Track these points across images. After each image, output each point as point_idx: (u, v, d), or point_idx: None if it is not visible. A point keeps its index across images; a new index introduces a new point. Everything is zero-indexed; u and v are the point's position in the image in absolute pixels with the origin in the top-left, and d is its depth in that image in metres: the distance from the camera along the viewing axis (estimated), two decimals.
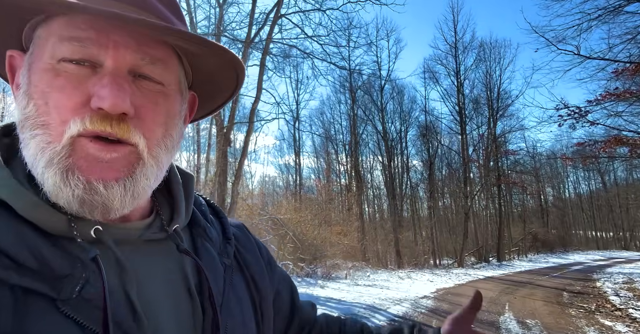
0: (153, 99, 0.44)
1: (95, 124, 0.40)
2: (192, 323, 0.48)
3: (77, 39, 0.40)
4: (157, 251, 0.50)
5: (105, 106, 0.39)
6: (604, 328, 6.17)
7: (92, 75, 0.41)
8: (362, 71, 20.54)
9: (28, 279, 0.36)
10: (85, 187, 0.40)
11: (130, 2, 0.44)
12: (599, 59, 10.12)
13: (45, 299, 0.37)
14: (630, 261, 21.02)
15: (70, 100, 0.40)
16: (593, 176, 43.12)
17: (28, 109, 0.41)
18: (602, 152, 12.11)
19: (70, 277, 0.39)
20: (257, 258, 0.66)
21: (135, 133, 0.42)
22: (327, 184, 22.80)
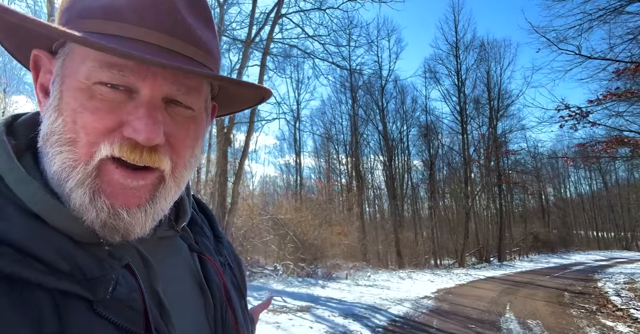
0: (184, 125, 0.46)
1: (125, 152, 0.40)
2: (205, 315, 0.52)
3: (117, 68, 0.40)
4: (169, 248, 0.53)
5: (140, 138, 0.40)
6: (605, 328, 6.16)
7: (127, 102, 0.41)
8: (362, 71, 20.54)
9: (65, 283, 0.38)
10: (109, 212, 0.41)
11: (173, 33, 0.43)
12: (600, 59, 10.11)
13: (81, 300, 0.39)
14: (631, 261, 20.99)
15: (102, 123, 0.40)
16: (594, 176, 43.11)
17: (56, 125, 0.41)
18: (603, 153, 12.09)
19: (102, 279, 0.40)
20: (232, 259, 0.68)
21: (164, 159, 0.43)
22: (327, 184, 22.79)
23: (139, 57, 0.37)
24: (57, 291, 0.37)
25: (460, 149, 23.50)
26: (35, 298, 0.36)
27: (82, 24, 0.42)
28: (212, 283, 0.54)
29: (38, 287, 0.36)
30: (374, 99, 24.05)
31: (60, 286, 0.37)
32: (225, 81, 0.46)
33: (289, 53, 13.78)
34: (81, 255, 0.40)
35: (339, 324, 5.91)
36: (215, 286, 0.54)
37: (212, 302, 0.53)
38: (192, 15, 0.46)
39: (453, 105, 23.23)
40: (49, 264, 0.37)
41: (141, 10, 0.42)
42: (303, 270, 11.27)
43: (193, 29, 0.45)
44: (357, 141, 23.88)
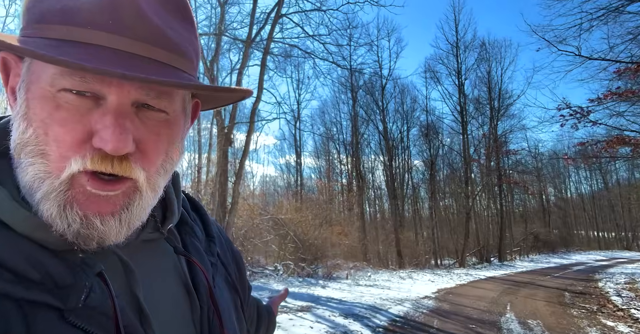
0: (156, 130, 0.44)
1: (96, 164, 0.40)
2: (191, 318, 0.51)
3: (79, 75, 0.39)
4: (154, 250, 0.52)
5: (108, 148, 0.39)
6: (606, 328, 6.15)
7: (95, 109, 0.40)
8: (363, 71, 20.54)
9: (34, 292, 0.37)
10: (82, 221, 0.40)
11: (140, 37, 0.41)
12: (600, 60, 10.11)
13: (52, 310, 0.38)
14: (632, 261, 20.97)
15: (71, 135, 0.39)
16: (595, 176, 43.06)
17: (27, 135, 0.41)
18: (604, 152, 12.07)
19: (75, 287, 0.39)
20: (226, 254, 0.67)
21: (135, 168, 0.42)
22: (328, 184, 22.80)
23: (93, 69, 0.35)
24: (25, 301, 0.37)
25: (461, 149, 23.50)
26: (2, 309, 0.35)
27: (40, 30, 0.40)
28: (199, 285, 0.54)
29: (4, 297, 0.36)
30: (374, 99, 24.07)
31: (29, 296, 0.37)
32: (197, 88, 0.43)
33: (290, 53, 13.78)
34: (53, 263, 0.39)
35: (339, 324, 5.92)
36: (202, 288, 0.54)
37: (198, 304, 0.52)
38: (163, 13, 0.43)
39: (453, 105, 23.26)
40: (17, 273, 0.37)
41: (102, 13, 0.39)
42: (303, 270, 11.27)
43: (162, 30, 0.42)
44: (357, 141, 23.88)
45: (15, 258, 0.37)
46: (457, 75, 22.86)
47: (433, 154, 24.67)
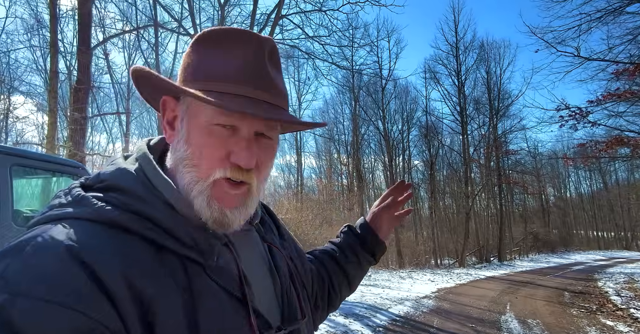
0: (267, 152, 0.63)
1: (234, 173, 0.59)
2: (274, 293, 0.68)
3: (229, 115, 0.58)
4: (248, 238, 0.71)
5: (242, 164, 0.58)
6: (606, 328, 6.19)
7: (232, 136, 0.59)
8: (363, 71, 20.53)
9: (189, 251, 0.55)
10: (220, 211, 0.59)
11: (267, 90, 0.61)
12: (599, 60, 10.14)
13: (198, 265, 0.55)
14: (631, 261, 21.02)
15: (217, 154, 0.58)
16: (594, 176, 43.13)
17: (187, 153, 0.60)
18: (603, 153, 12.11)
19: (210, 251, 0.57)
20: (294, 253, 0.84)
21: (254, 177, 0.61)
22: (328, 184, 22.80)
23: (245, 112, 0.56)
24: (184, 257, 0.54)
25: (461, 149, 23.54)
26: (171, 259, 0.54)
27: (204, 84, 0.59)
28: (279, 269, 0.71)
29: (173, 253, 0.54)
30: (375, 100, 24.10)
31: (186, 253, 0.54)
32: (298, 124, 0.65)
33: (290, 54, 13.80)
34: (197, 233, 0.57)
35: (339, 324, 5.95)
36: (281, 271, 0.71)
37: (279, 282, 0.69)
38: (272, 68, 0.63)
39: (453, 105, 23.28)
40: (178, 238, 0.55)
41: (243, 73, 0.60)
42: None
43: (276, 82, 0.62)
44: (358, 141, 23.91)
45: (178, 227, 0.55)
46: (457, 75, 22.91)
47: (433, 154, 24.71)
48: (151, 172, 0.60)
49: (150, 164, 0.61)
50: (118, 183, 0.57)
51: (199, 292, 0.53)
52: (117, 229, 0.52)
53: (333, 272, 0.99)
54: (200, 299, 0.53)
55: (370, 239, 1.03)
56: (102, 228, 0.51)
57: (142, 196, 0.56)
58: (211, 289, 0.55)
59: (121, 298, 0.46)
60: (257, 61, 0.61)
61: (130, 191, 0.56)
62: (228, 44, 0.61)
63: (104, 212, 0.52)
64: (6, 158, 3.47)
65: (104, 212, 0.52)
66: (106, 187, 0.57)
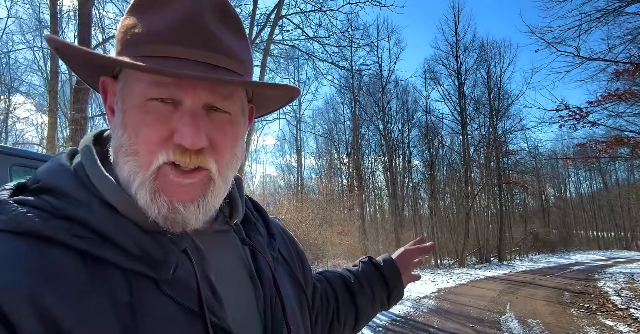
0: (223, 128, 0.52)
1: (177, 156, 0.48)
2: (255, 304, 0.58)
3: (164, 84, 0.48)
4: (223, 241, 0.60)
5: (187, 144, 0.47)
6: (605, 328, 6.19)
7: (174, 112, 0.49)
8: (362, 71, 20.54)
9: (135, 263, 0.45)
10: (168, 207, 0.48)
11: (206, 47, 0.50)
12: (599, 60, 10.15)
13: (149, 280, 0.46)
14: (631, 261, 21.00)
15: (157, 134, 0.48)
16: (594, 176, 43.11)
17: (123, 139, 0.49)
18: (603, 153, 12.11)
19: (165, 262, 0.48)
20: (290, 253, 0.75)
21: (209, 160, 0.50)
22: (328, 184, 22.81)
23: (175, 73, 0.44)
24: (129, 270, 0.45)
25: (461, 149, 23.53)
26: (112, 274, 0.44)
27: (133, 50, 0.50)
28: (262, 275, 0.60)
29: (113, 266, 0.44)
30: (375, 100, 24.10)
31: (131, 266, 0.45)
32: (254, 85, 0.53)
33: (290, 54, 13.81)
34: (148, 241, 0.48)
35: None
36: (265, 277, 0.60)
37: (262, 292, 0.59)
38: (223, 29, 0.52)
39: (453, 105, 23.28)
40: (122, 248, 0.45)
41: (177, 31, 0.49)
42: None
43: (223, 42, 0.51)
44: (358, 141, 23.92)
45: (121, 235, 0.46)
46: (457, 76, 22.91)
47: (433, 154, 24.70)
48: (90, 167, 0.51)
49: (90, 158, 0.52)
50: (51, 183, 0.48)
51: (145, 312, 0.44)
52: (37, 241, 0.42)
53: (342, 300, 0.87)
54: (147, 320, 0.43)
55: (393, 276, 0.90)
56: (15, 239, 0.41)
57: (77, 197, 0.47)
58: (163, 306, 0.45)
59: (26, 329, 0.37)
60: (193, 16, 0.49)
61: (64, 192, 0.47)
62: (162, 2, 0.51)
63: (22, 220, 0.42)
64: (6, 158, 3.47)
65: (22, 220, 0.42)
66: (40, 188, 0.48)
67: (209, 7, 0.51)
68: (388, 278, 0.90)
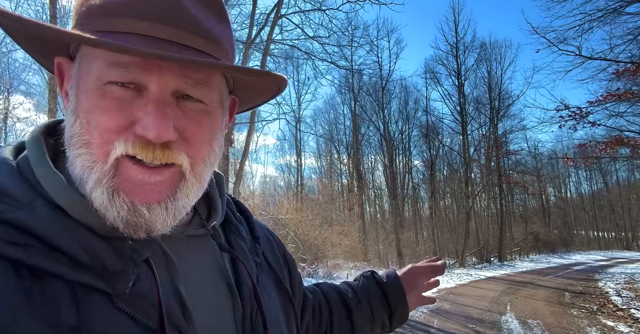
0: (197, 119, 0.45)
1: (137, 150, 0.41)
2: (233, 316, 0.51)
3: (124, 65, 0.41)
4: (198, 246, 0.52)
5: (150, 136, 0.40)
6: (606, 328, 6.17)
7: (137, 98, 0.42)
8: (362, 71, 20.54)
9: (85, 275, 0.38)
10: (129, 208, 0.41)
11: (178, 25, 0.43)
12: (600, 60, 10.13)
13: (101, 294, 0.39)
14: (632, 261, 20.98)
15: (114, 122, 0.41)
16: (595, 176, 43.06)
17: (74, 127, 0.42)
18: (603, 153, 12.09)
19: (123, 273, 0.41)
20: (277, 258, 0.68)
21: (179, 155, 0.43)
22: (328, 184, 22.80)
23: (133, 49, 0.37)
24: (77, 283, 0.38)
25: (461, 149, 23.52)
26: (54, 289, 0.37)
27: (90, 24, 0.42)
28: (242, 284, 0.53)
29: (58, 278, 0.37)
30: (375, 100, 24.09)
31: (80, 279, 0.38)
32: (231, 69, 0.45)
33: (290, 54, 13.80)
34: (103, 248, 0.41)
35: None
36: (246, 287, 0.53)
37: (240, 303, 0.52)
38: (200, 7, 0.45)
39: (453, 105, 23.27)
40: (70, 256, 0.38)
41: (144, 5, 0.42)
42: (304, 270, 11.28)
43: (198, 21, 0.44)
44: (358, 141, 23.91)
45: (69, 241, 0.39)
46: (457, 76, 22.89)
47: (433, 154, 24.68)
48: (35, 162, 0.43)
49: (36, 151, 0.44)
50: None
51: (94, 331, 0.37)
52: None
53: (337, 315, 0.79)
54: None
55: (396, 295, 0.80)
56: None
57: (17, 197, 0.39)
58: (118, 325, 0.39)
59: None
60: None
61: (3, 191, 0.40)
62: None
63: None
64: None
65: None
66: None
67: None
68: (390, 297, 0.81)
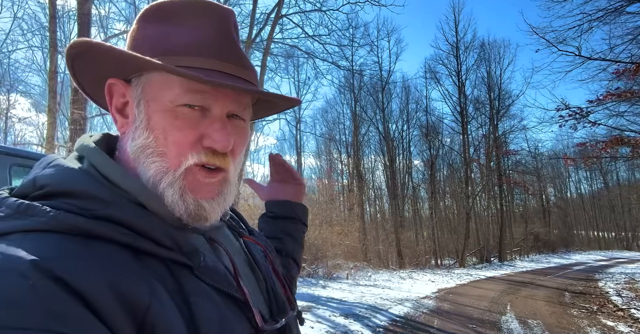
0: (241, 135, 0.57)
1: (209, 158, 0.53)
2: (258, 287, 0.63)
3: (201, 92, 0.52)
4: (222, 234, 0.65)
5: (218, 147, 0.52)
6: (606, 328, 6.17)
7: (203, 118, 0.53)
8: (363, 71, 20.53)
9: (173, 254, 0.49)
10: (195, 203, 0.53)
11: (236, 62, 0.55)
12: (600, 60, 10.13)
13: (185, 267, 0.50)
14: (632, 261, 20.99)
15: (187, 138, 0.52)
16: (595, 176, 43.08)
17: (149, 140, 0.53)
18: (603, 153, 12.09)
19: (194, 251, 0.51)
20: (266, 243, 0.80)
21: (230, 163, 0.56)
22: (328, 184, 22.79)
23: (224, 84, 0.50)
24: (168, 260, 0.48)
25: (461, 149, 23.52)
26: (154, 264, 0.47)
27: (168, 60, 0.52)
28: (259, 262, 0.66)
29: (153, 257, 0.48)
30: (375, 100, 24.09)
31: (170, 256, 0.48)
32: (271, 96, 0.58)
33: (290, 54, 13.81)
34: (176, 233, 0.51)
35: (339, 324, 5.94)
36: (261, 264, 0.66)
37: (262, 277, 0.64)
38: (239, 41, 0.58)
39: (453, 105, 23.28)
40: (157, 241, 0.48)
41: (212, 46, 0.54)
42: (304, 270, 11.28)
43: (244, 55, 0.57)
44: (358, 141, 23.91)
45: (155, 229, 0.49)
46: (457, 75, 22.90)
47: (433, 154, 24.68)
48: (109, 168, 0.52)
49: (105, 159, 0.53)
50: (67, 187, 0.47)
51: (191, 294, 0.48)
52: (84, 237, 0.43)
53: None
54: (195, 301, 0.47)
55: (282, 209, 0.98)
56: (65, 237, 0.42)
57: (103, 198, 0.47)
58: (203, 290, 0.49)
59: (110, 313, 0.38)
60: (224, 32, 0.55)
61: (87, 194, 0.47)
62: (186, 15, 0.55)
63: (63, 219, 0.42)
64: (6, 158, 3.47)
65: (64, 219, 0.42)
66: (49, 193, 0.47)
67: (234, 24, 0.57)
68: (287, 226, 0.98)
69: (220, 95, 0.53)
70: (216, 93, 0.52)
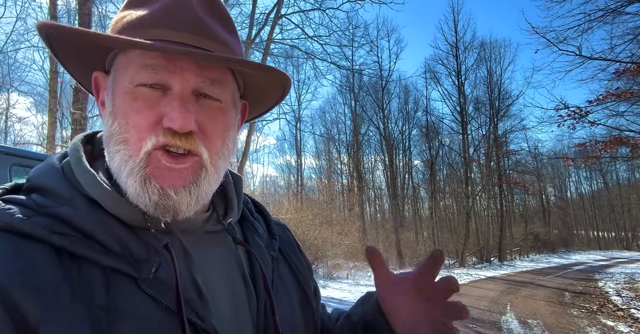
0: (213, 115, 0.52)
1: (168, 138, 0.48)
2: (248, 306, 0.55)
3: (152, 67, 0.49)
4: (215, 241, 0.58)
5: (175, 126, 0.47)
6: (606, 328, 6.18)
7: (163, 97, 0.49)
8: (362, 71, 20.54)
9: (115, 261, 0.45)
10: (160, 193, 0.48)
11: (192, 31, 0.51)
12: (600, 60, 10.13)
13: (129, 278, 0.45)
14: (632, 261, 20.99)
15: (146, 120, 0.48)
16: (595, 176, 43.06)
17: (113, 127, 0.50)
18: (603, 153, 12.09)
19: (147, 261, 0.47)
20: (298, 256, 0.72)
21: (200, 145, 0.50)
22: (328, 184, 22.79)
23: (162, 47, 0.46)
24: (109, 268, 0.44)
25: (461, 149, 23.52)
26: (89, 273, 0.43)
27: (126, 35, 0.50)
28: (257, 276, 0.58)
29: (93, 264, 0.44)
30: (375, 99, 24.10)
31: (111, 264, 0.44)
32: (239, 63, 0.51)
33: (290, 54, 13.81)
34: (130, 238, 0.47)
35: None
36: (260, 278, 0.57)
37: (255, 294, 0.56)
38: (210, 16, 0.54)
39: (453, 105, 23.26)
40: (104, 245, 0.45)
41: (164, 16, 0.51)
42: None
43: (209, 26, 0.52)
44: (358, 141, 23.92)
45: (102, 232, 0.45)
46: (457, 75, 22.89)
47: (433, 154, 24.68)
48: (74, 164, 0.51)
49: (75, 154, 0.52)
50: (39, 182, 0.49)
51: (121, 311, 0.43)
52: (17, 236, 0.42)
53: None
54: (121, 319, 0.42)
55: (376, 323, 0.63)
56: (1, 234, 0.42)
57: (61, 194, 0.47)
58: (142, 305, 0.44)
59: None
60: (183, 2, 0.52)
61: (50, 190, 0.47)
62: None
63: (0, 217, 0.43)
64: (6, 158, 3.47)
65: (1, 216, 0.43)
66: (30, 187, 0.49)
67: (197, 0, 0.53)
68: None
69: (175, 68, 0.48)
70: (169, 65, 0.48)
